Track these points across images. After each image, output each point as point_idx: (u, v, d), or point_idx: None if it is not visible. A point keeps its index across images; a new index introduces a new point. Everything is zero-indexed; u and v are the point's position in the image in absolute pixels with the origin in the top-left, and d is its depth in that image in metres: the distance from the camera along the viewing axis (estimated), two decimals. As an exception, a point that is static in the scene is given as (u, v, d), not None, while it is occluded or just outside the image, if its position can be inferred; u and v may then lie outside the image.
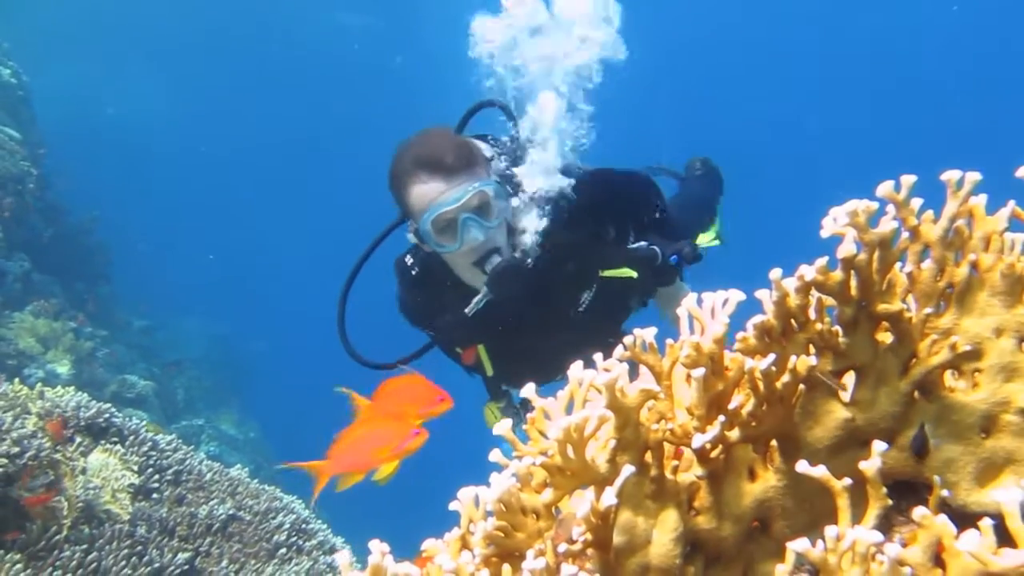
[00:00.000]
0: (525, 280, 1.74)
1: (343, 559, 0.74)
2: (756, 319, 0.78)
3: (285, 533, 2.69)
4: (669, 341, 0.81)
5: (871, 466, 0.71)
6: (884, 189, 0.77)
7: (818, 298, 0.79)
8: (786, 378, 0.78)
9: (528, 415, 0.82)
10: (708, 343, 0.77)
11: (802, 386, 0.80)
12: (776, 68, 14.81)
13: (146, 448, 2.63)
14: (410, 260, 1.91)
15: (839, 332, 0.79)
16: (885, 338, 0.80)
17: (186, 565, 2.39)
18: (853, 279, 0.78)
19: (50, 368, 4.99)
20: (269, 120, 14.72)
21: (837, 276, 0.77)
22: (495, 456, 0.81)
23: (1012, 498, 0.61)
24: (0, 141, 5.62)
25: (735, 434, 0.79)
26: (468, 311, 1.79)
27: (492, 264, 1.73)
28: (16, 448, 2.09)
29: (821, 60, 14.76)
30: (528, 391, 0.82)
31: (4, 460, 2.05)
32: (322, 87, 14.45)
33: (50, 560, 2.11)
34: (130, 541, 2.30)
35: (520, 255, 1.76)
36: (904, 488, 0.79)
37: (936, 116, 14.11)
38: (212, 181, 15.05)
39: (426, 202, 1.69)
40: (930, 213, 0.79)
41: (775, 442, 0.81)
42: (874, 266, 0.77)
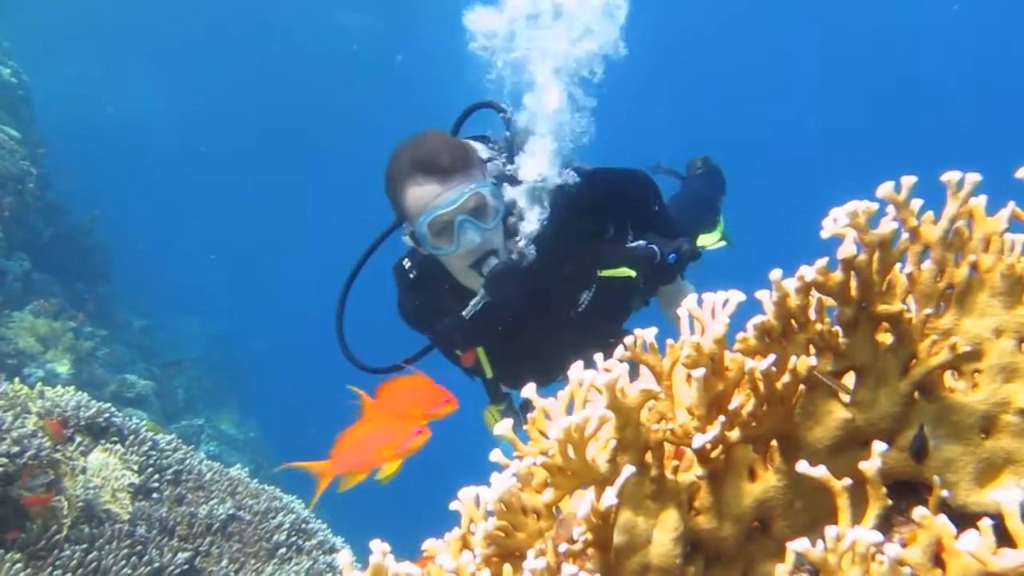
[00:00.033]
0: (522, 282, 1.73)
1: (344, 559, 0.74)
2: (756, 319, 0.78)
3: (285, 533, 2.69)
4: (669, 341, 0.81)
5: (871, 466, 0.71)
6: (884, 190, 0.77)
7: (818, 299, 0.79)
8: (786, 378, 0.78)
9: (529, 415, 0.82)
10: (708, 343, 0.77)
11: (802, 386, 0.80)
12: (776, 68, 14.81)
13: (146, 448, 2.63)
14: (408, 264, 1.91)
15: (839, 333, 0.79)
16: (885, 339, 0.80)
17: (186, 565, 2.39)
18: (853, 280, 0.78)
19: (50, 368, 5.00)
20: (269, 119, 14.73)
21: (837, 277, 0.77)
22: (496, 456, 0.81)
23: (1012, 498, 0.61)
24: (0, 140, 5.62)
25: (735, 434, 0.79)
26: (466, 314, 1.78)
27: (489, 266, 1.71)
28: (16, 447, 2.10)
29: (821, 60, 14.76)
30: (529, 391, 0.82)
31: (4, 459, 2.05)
32: (322, 86, 14.45)
33: (50, 560, 2.11)
34: (130, 541, 2.30)
35: (517, 256, 1.74)
36: (904, 488, 0.79)
37: (936, 116, 14.11)
38: (212, 180, 15.05)
39: (422, 205, 1.68)
40: (930, 214, 0.79)
41: (775, 442, 0.81)
42: (874, 267, 0.77)
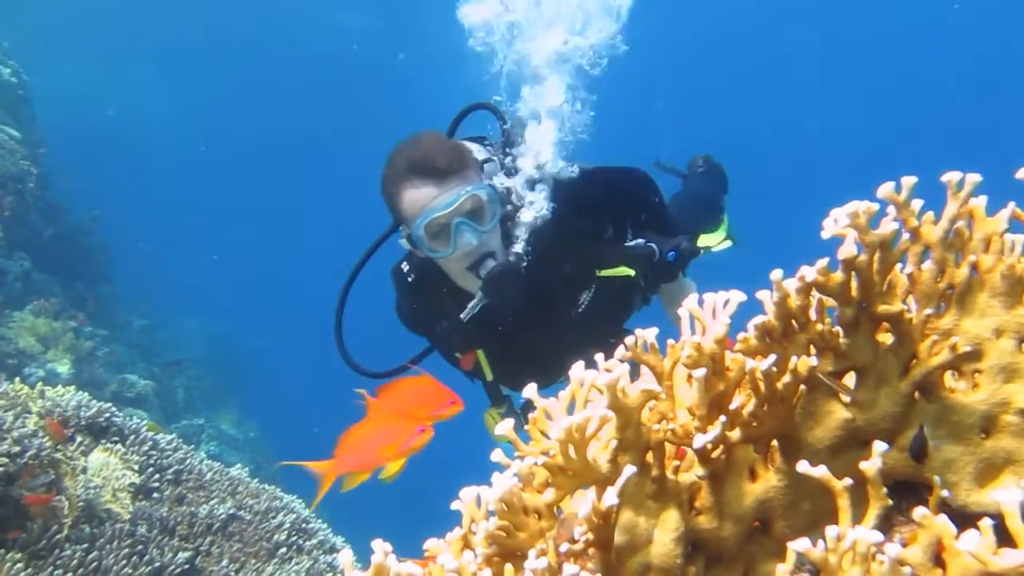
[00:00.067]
0: (520, 284, 1.72)
1: (345, 558, 0.75)
2: (757, 320, 0.78)
3: (285, 532, 2.70)
4: (670, 341, 0.81)
5: (872, 466, 0.71)
6: (885, 190, 0.77)
7: (819, 299, 0.79)
8: (787, 379, 0.78)
9: (530, 415, 0.82)
10: (709, 343, 0.78)
11: (803, 387, 0.80)
12: (777, 67, 14.81)
13: (147, 447, 2.63)
14: (406, 267, 1.90)
15: (840, 333, 0.79)
16: (886, 339, 0.80)
17: (186, 564, 2.39)
18: (854, 280, 0.78)
19: (50, 367, 5.00)
20: (269, 119, 14.73)
21: (838, 277, 0.77)
22: (497, 456, 0.81)
23: (1012, 498, 0.62)
24: (0, 140, 5.62)
25: (736, 434, 0.79)
26: (464, 316, 1.77)
27: (486, 268, 1.70)
28: (17, 447, 2.10)
29: (821, 59, 14.76)
30: (530, 391, 0.82)
31: (5, 459, 2.05)
32: (322, 86, 14.45)
33: (51, 559, 2.11)
34: (131, 540, 2.30)
35: (515, 258, 1.73)
36: (904, 488, 0.79)
37: (936, 116, 14.11)
38: (212, 180, 15.05)
39: (418, 207, 1.66)
40: (931, 214, 0.79)
41: (776, 442, 0.81)
42: (875, 267, 0.77)
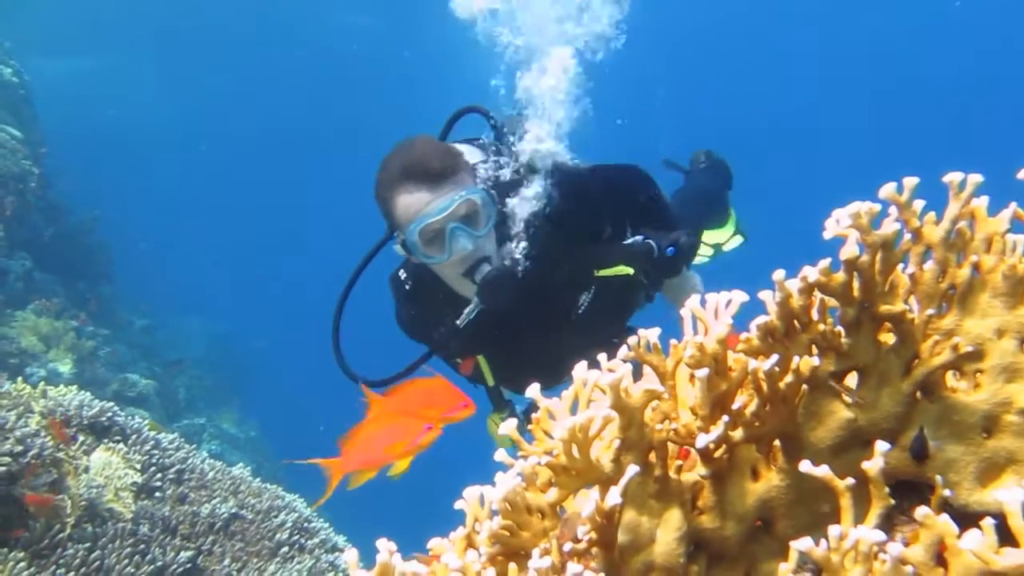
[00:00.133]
0: (516, 288, 1.70)
1: (350, 557, 0.75)
2: (759, 320, 0.79)
3: (287, 531, 2.70)
4: (673, 341, 0.82)
5: (874, 466, 0.72)
6: (886, 191, 0.78)
7: (821, 299, 0.79)
8: (789, 378, 0.78)
9: (533, 415, 0.82)
10: (712, 343, 0.78)
11: (805, 387, 0.80)
12: (778, 66, 14.79)
13: (148, 447, 2.63)
14: (403, 274, 1.89)
15: (842, 333, 0.79)
16: (888, 339, 0.80)
17: (188, 563, 2.39)
18: (856, 280, 0.78)
19: (52, 367, 5.01)
20: (269, 119, 14.72)
21: (840, 277, 0.78)
22: (500, 456, 0.82)
23: (1014, 498, 0.62)
24: (2, 140, 5.63)
25: (739, 434, 0.79)
26: (460, 323, 1.76)
27: (482, 273, 1.69)
28: (20, 447, 2.10)
29: (822, 59, 14.75)
30: (533, 391, 0.83)
31: (7, 459, 2.05)
32: (322, 86, 14.45)
33: (53, 558, 2.11)
34: (133, 539, 2.31)
35: (510, 262, 1.72)
36: (906, 488, 0.80)
37: (937, 115, 14.10)
38: (212, 180, 15.06)
39: (412, 213, 1.64)
40: (932, 215, 0.79)
41: (778, 442, 0.81)
42: (876, 267, 0.78)
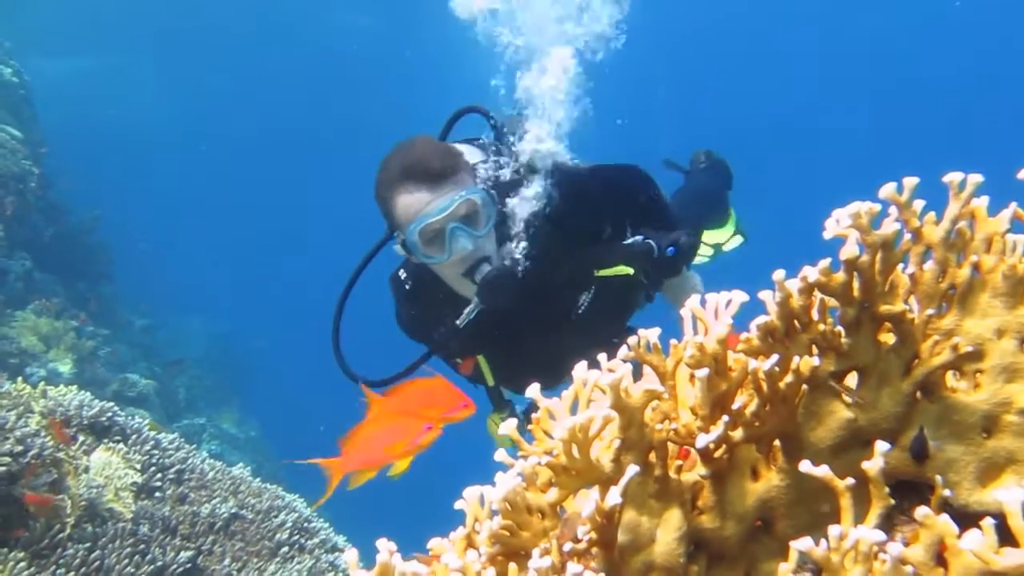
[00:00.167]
0: (516, 288, 1.70)
1: (350, 557, 0.75)
2: (759, 320, 0.79)
3: (287, 532, 2.70)
4: (673, 341, 0.82)
5: (874, 466, 0.72)
6: (886, 191, 0.78)
7: (821, 299, 0.79)
8: (789, 379, 0.78)
9: (533, 415, 0.82)
10: (712, 343, 0.78)
11: (805, 387, 0.80)
12: (778, 65, 14.78)
13: (149, 447, 2.63)
14: (403, 275, 1.89)
15: (842, 333, 0.79)
16: (888, 339, 0.80)
17: (188, 563, 2.39)
18: (856, 280, 0.78)
19: (52, 367, 5.01)
20: (269, 119, 14.72)
21: (840, 277, 0.78)
22: (500, 456, 0.82)
23: (1014, 498, 0.62)
24: (2, 140, 5.63)
25: (739, 434, 0.79)
26: (459, 323, 1.76)
27: (482, 273, 1.69)
28: (20, 447, 2.10)
29: (823, 60, 14.74)
30: (533, 391, 0.83)
31: (8, 459, 2.05)
32: (322, 86, 14.45)
33: (53, 558, 2.11)
34: (133, 539, 2.31)
35: (510, 263, 1.72)
36: (906, 488, 0.80)
37: (938, 115, 14.09)
38: (213, 180, 15.05)
39: (412, 213, 1.64)
40: (932, 215, 0.79)
41: (778, 442, 0.81)
42: (876, 267, 0.78)
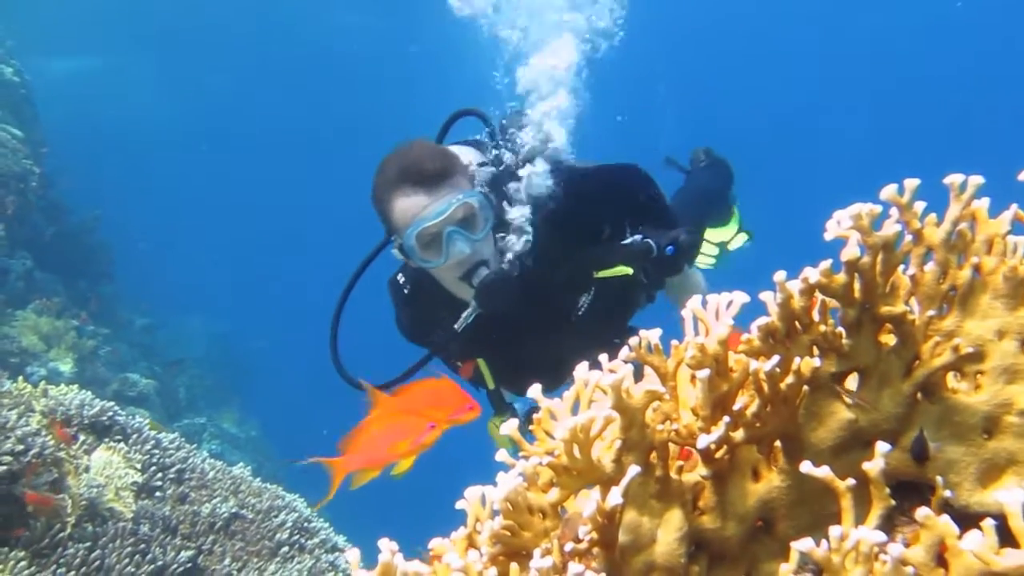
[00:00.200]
0: (514, 292, 1.70)
1: (353, 557, 0.75)
2: (761, 321, 0.79)
3: (287, 531, 2.70)
4: (674, 342, 0.82)
5: (874, 467, 0.72)
6: (887, 192, 0.78)
7: (822, 300, 0.79)
8: (790, 379, 0.79)
9: (535, 416, 0.82)
10: (713, 344, 0.78)
11: (806, 387, 0.80)
12: (780, 66, 14.76)
13: (149, 446, 2.63)
14: (402, 278, 1.89)
15: (843, 334, 0.80)
16: (888, 340, 0.81)
17: (189, 563, 2.39)
18: (857, 281, 0.78)
19: (52, 366, 5.01)
20: (270, 119, 14.72)
21: (841, 279, 0.78)
22: (502, 456, 0.82)
23: (1014, 498, 0.62)
24: (3, 139, 5.63)
25: (740, 435, 0.79)
26: (457, 327, 1.76)
27: (479, 277, 1.68)
28: (21, 446, 2.10)
29: (824, 60, 14.72)
30: (534, 391, 0.83)
31: (9, 458, 2.06)
32: (323, 86, 14.44)
33: (54, 558, 2.11)
34: (133, 539, 2.31)
35: (508, 266, 1.71)
36: (907, 489, 0.80)
37: (938, 117, 14.08)
38: (213, 179, 15.05)
39: (409, 216, 1.64)
40: (933, 216, 0.80)
41: (779, 443, 0.82)
42: (877, 269, 0.78)
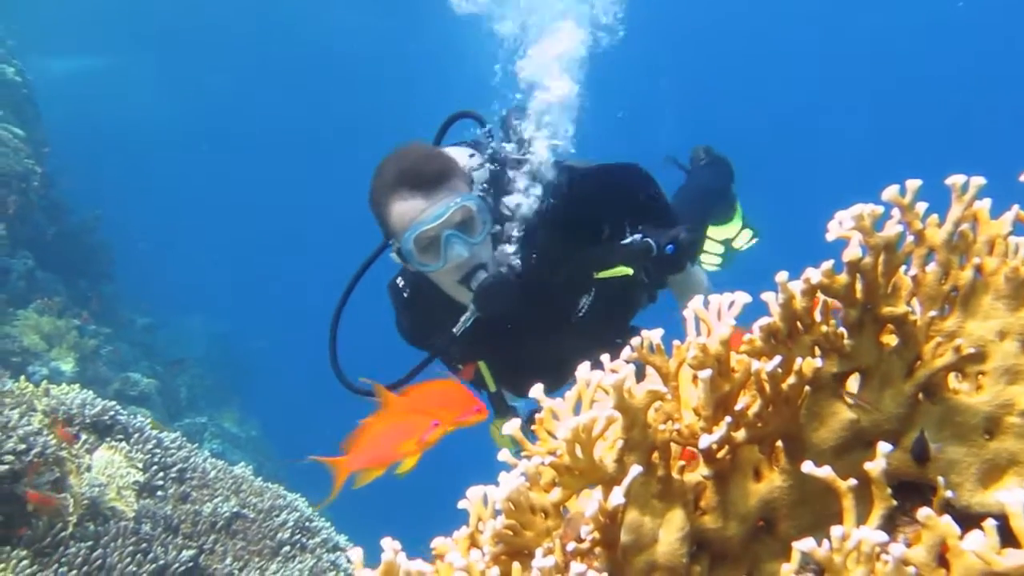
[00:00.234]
0: (513, 295, 1.69)
1: (355, 556, 0.75)
2: (763, 321, 0.79)
3: (289, 531, 2.70)
4: (676, 342, 0.82)
5: (876, 467, 0.72)
6: (889, 193, 0.78)
7: (824, 300, 0.80)
8: (792, 380, 0.79)
9: (536, 415, 0.83)
10: (715, 345, 0.78)
11: (808, 388, 0.80)
12: (781, 66, 14.75)
13: (151, 446, 2.64)
14: (401, 282, 1.89)
15: (844, 334, 0.80)
16: (890, 341, 0.81)
17: (190, 562, 2.40)
18: (859, 282, 0.78)
19: (54, 365, 5.01)
20: (270, 118, 14.73)
21: (843, 279, 0.78)
22: (504, 456, 0.82)
23: (1016, 499, 0.62)
24: (5, 139, 5.63)
25: (741, 435, 0.80)
26: (456, 331, 1.75)
27: (478, 281, 1.68)
28: (23, 445, 2.11)
29: (826, 61, 14.71)
30: (536, 391, 0.83)
31: (11, 457, 2.06)
32: (323, 85, 14.45)
33: (56, 557, 2.12)
34: (135, 538, 2.31)
35: (507, 269, 1.71)
36: (908, 489, 0.80)
37: (940, 118, 14.06)
38: (213, 179, 15.06)
39: (407, 220, 1.63)
40: (935, 217, 0.80)
41: (781, 443, 0.82)
42: (879, 269, 0.78)
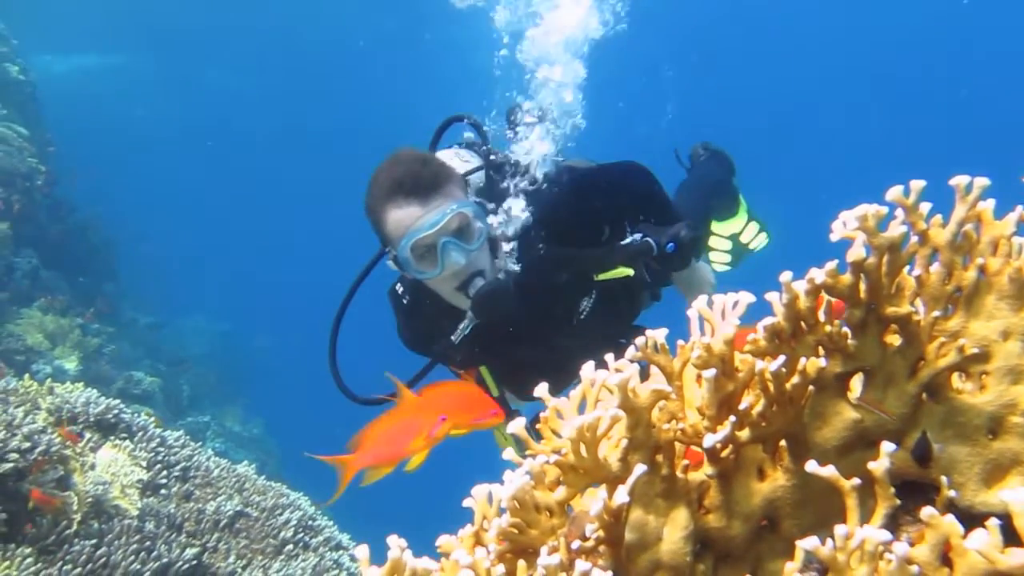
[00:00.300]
0: (511, 301, 1.68)
1: (361, 554, 0.75)
2: (767, 321, 0.79)
3: (292, 529, 2.71)
4: (680, 342, 0.82)
5: (880, 466, 0.72)
6: (893, 194, 0.78)
7: (828, 300, 0.80)
8: (796, 379, 0.79)
9: (541, 415, 0.83)
10: (719, 344, 0.78)
11: (811, 387, 0.81)
12: (784, 66, 14.73)
13: (154, 444, 2.65)
14: (400, 289, 1.88)
15: (848, 334, 0.80)
16: (894, 340, 0.81)
17: (194, 560, 2.40)
18: (863, 282, 0.79)
19: (58, 364, 5.03)
20: (274, 117, 14.74)
21: (847, 279, 0.78)
22: (509, 454, 0.82)
23: (1019, 498, 0.62)
24: (9, 138, 5.65)
25: (745, 434, 0.80)
26: (455, 338, 1.75)
27: (475, 287, 1.67)
28: (27, 443, 2.11)
29: (830, 59, 14.69)
30: (540, 391, 0.83)
31: (15, 455, 2.07)
32: (326, 84, 14.45)
33: (60, 554, 2.12)
34: (139, 536, 2.32)
35: (504, 275, 1.70)
36: (911, 488, 0.80)
37: (943, 118, 14.04)
38: (216, 179, 15.07)
39: (403, 228, 1.61)
40: (939, 217, 0.80)
41: (784, 442, 0.82)
42: (883, 269, 0.78)
